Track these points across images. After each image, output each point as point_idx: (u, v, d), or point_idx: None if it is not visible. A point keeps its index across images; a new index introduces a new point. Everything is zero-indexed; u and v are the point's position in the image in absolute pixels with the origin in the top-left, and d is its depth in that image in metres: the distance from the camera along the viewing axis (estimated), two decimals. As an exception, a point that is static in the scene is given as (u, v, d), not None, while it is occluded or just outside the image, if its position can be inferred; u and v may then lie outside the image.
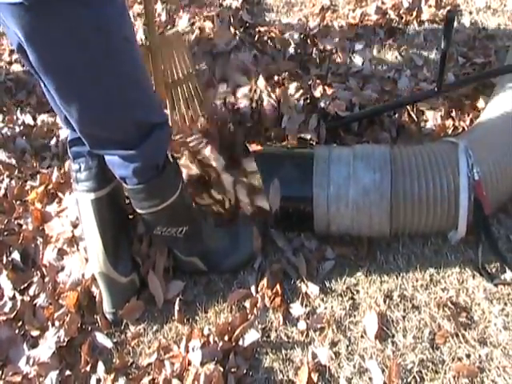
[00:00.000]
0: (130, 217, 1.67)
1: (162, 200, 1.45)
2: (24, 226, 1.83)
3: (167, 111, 1.91)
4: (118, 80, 1.22)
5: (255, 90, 1.99)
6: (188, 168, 1.73)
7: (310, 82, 2.13)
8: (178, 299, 1.56)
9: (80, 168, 1.51)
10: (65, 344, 1.51)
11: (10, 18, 1.05)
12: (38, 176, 1.99)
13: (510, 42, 2.26)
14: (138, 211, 1.48)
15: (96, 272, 1.54)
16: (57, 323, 1.54)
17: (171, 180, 1.48)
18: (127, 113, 1.29)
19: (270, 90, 1.98)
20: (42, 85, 1.29)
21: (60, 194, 1.90)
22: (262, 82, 2.02)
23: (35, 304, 1.61)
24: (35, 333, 1.55)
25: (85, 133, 1.30)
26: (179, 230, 1.53)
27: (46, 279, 1.66)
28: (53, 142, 2.17)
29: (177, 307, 1.55)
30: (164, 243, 1.61)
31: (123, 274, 1.56)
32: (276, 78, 2.15)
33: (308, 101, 1.98)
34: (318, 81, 2.15)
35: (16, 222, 1.86)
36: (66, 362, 1.50)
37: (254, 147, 1.77)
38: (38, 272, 1.70)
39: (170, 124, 1.82)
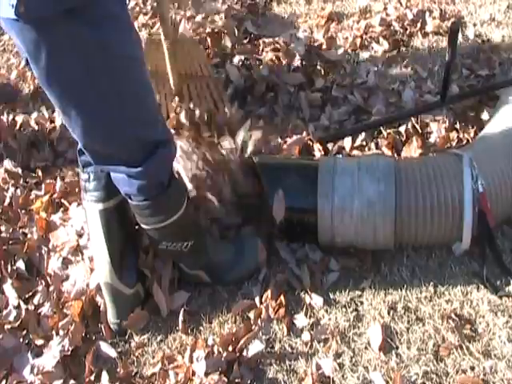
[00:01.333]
0: (137, 227, 1.67)
1: (167, 216, 1.45)
2: (29, 235, 1.84)
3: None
4: (122, 98, 1.23)
5: None
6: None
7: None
8: (182, 310, 1.57)
9: (89, 178, 1.51)
10: (69, 353, 1.51)
11: (11, 32, 1.07)
12: (43, 185, 1.99)
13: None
14: (143, 226, 1.49)
15: (101, 282, 1.54)
16: (61, 332, 1.54)
17: (176, 197, 1.48)
18: (130, 130, 1.29)
19: None
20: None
21: (65, 203, 1.91)
22: None
23: (40, 313, 1.61)
24: (39, 342, 1.55)
25: (88, 149, 1.31)
26: (184, 244, 1.53)
27: (51, 288, 1.66)
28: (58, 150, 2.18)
29: (181, 317, 1.55)
30: (169, 257, 1.61)
31: (128, 285, 1.56)
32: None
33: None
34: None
35: (21, 231, 1.87)
36: (71, 372, 1.50)
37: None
38: (43, 281, 1.69)
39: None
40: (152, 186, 1.39)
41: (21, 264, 1.74)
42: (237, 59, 2.37)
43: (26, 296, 1.66)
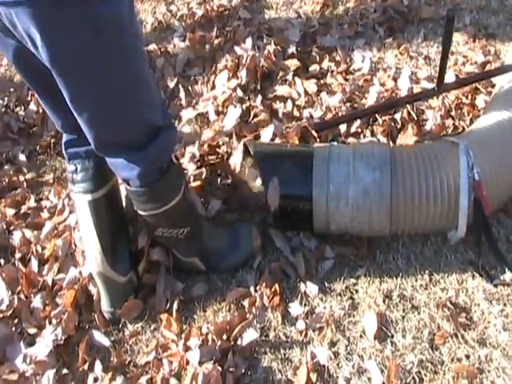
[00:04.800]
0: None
1: (164, 202, 1.44)
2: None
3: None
4: (131, 78, 1.23)
5: None
6: None
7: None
8: (177, 298, 1.56)
9: (76, 169, 1.50)
10: (62, 342, 1.51)
11: (20, 19, 1.04)
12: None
13: (509, 41, 2.25)
14: (140, 213, 1.47)
15: (94, 271, 1.53)
16: (54, 321, 1.53)
17: (174, 182, 1.47)
18: (138, 113, 1.28)
19: None
20: (38, 94, 1.32)
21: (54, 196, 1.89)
22: None
23: (32, 302, 1.60)
24: (32, 331, 1.54)
25: (93, 134, 1.28)
26: (180, 231, 1.52)
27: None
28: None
29: (175, 306, 1.54)
30: (165, 244, 1.60)
31: (121, 273, 1.55)
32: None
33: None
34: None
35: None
36: (64, 361, 1.50)
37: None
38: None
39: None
40: (151, 170, 1.38)
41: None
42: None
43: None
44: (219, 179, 1.82)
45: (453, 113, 1.99)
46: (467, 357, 1.40)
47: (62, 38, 1.08)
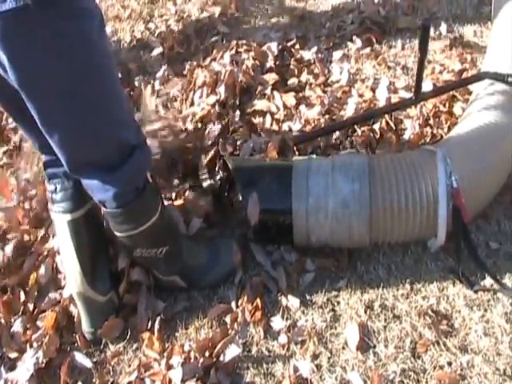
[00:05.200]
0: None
1: (141, 222, 1.44)
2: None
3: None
4: (103, 96, 1.23)
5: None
6: None
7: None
8: (158, 317, 1.55)
9: (56, 189, 1.50)
10: (43, 365, 1.49)
11: None
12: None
13: (485, 49, 2.27)
14: (117, 234, 1.47)
15: (74, 292, 1.52)
16: (35, 344, 1.52)
17: (151, 202, 1.46)
18: (111, 132, 1.28)
19: None
20: (12, 117, 1.33)
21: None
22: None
23: (12, 326, 1.59)
24: (13, 355, 1.53)
25: (66, 156, 1.28)
26: (159, 250, 1.51)
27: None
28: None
29: (157, 325, 1.53)
30: (144, 264, 1.60)
31: (101, 292, 1.54)
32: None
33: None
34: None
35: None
36: (45, 384, 1.48)
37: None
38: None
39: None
40: (128, 191, 1.38)
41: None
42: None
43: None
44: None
45: (431, 121, 2.00)
46: (449, 364, 1.40)
47: (29, 59, 1.08)
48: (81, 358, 1.52)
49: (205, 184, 1.80)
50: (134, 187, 1.39)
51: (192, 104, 2.18)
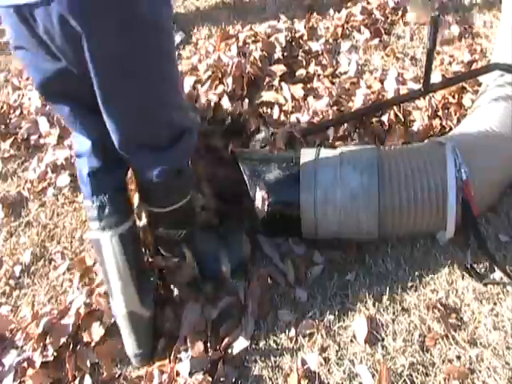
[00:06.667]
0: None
1: (173, 201, 1.49)
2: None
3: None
4: (166, 80, 1.27)
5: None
6: None
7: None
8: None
9: (103, 204, 1.44)
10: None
11: (71, 20, 1.06)
12: None
13: (495, 40, 2.25)
14: (149, 208, 1.53)
15: (124, 313, 1.45)
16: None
17: (186, 184, 1.52)
18: (167, 114, 1.33)
19: None
20: (67, 109, 1.34)
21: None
22: None
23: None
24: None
25: (120, 133, 1.30)
26: (178, 233, 1.55)
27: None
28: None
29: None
30: (161, 244, 1.61)
31: (149, 307, 1.50)
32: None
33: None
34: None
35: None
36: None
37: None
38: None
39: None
40: (171, 171, 1.41)
41: None
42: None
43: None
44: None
45: (440, 113, 1.99)
46: (458, 357, 1.39)
47: (108, 38, 1.12)
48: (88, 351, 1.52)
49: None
50: (178, 168, 1.43)
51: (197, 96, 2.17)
